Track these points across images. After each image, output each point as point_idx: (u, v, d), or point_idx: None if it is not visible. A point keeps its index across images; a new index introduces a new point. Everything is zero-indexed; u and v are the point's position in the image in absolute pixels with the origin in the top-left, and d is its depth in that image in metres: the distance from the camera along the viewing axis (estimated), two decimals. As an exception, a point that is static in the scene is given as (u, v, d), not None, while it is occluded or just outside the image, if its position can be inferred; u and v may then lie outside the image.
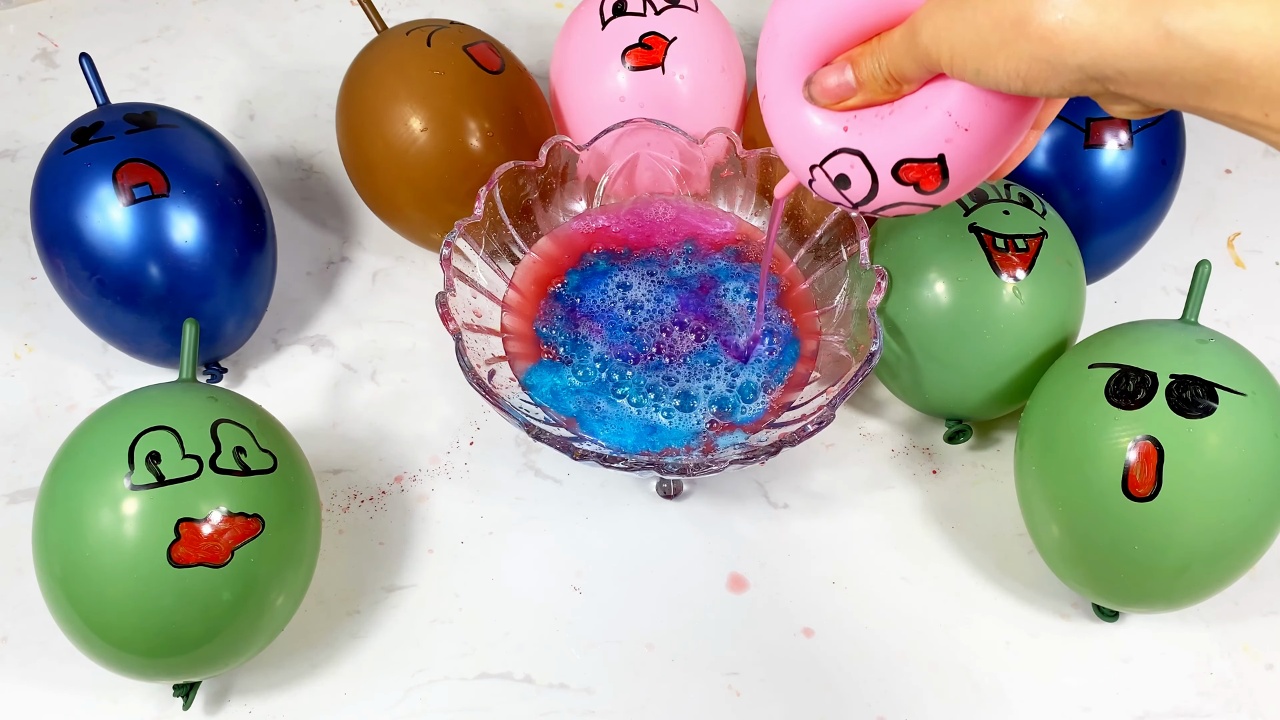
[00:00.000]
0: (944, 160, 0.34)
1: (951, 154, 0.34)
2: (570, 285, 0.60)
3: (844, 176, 0.34)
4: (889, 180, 0.34)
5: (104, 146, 0.56)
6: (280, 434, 0.51)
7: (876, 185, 0.33)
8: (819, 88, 0.37)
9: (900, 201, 0.35)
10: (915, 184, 0.35)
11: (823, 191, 0.35)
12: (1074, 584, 0.53)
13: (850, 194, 0.35)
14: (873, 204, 0.35)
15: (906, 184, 0.34)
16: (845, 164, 0.34)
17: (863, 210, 0.36)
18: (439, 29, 0.63)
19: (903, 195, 0.35)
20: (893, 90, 0.35)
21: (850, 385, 0.53)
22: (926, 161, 0.34)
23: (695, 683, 0.53)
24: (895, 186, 0.34)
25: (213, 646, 0.47)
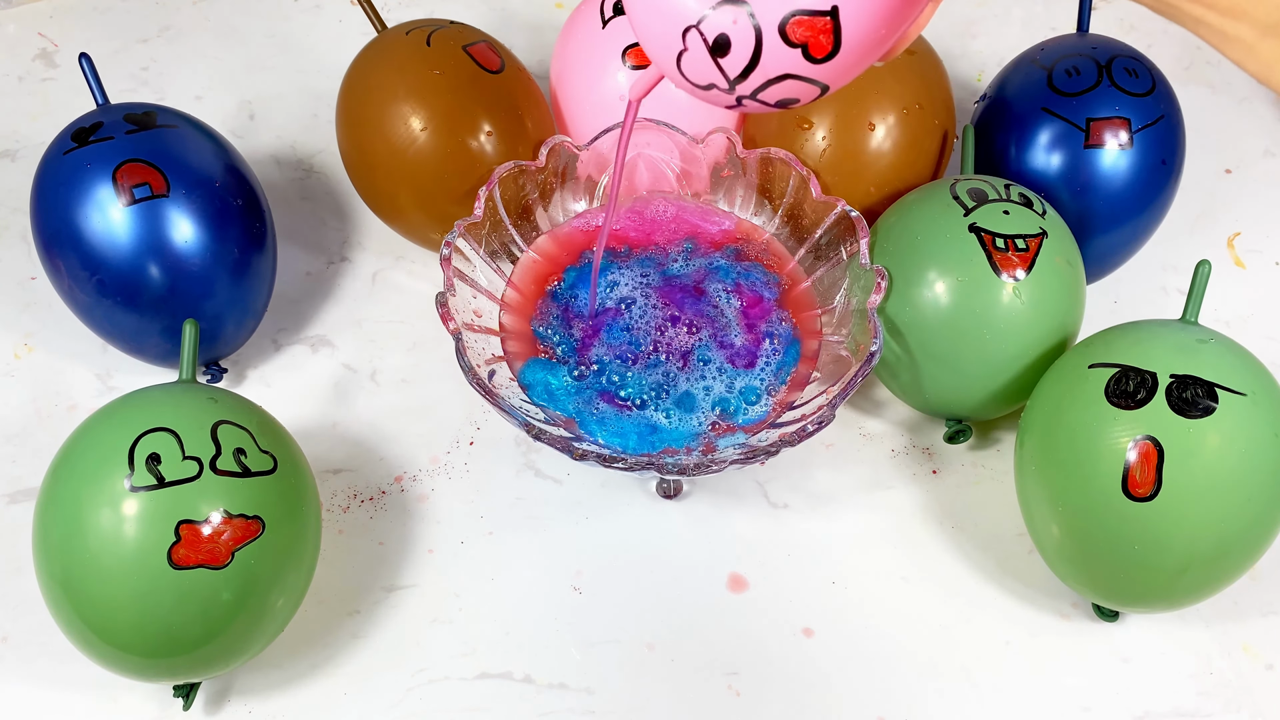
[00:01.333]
0: (837, 15, 0.29)
1: (846, 8, 0.29)
2: (568, 284, 0.60)
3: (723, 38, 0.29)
4: (775, 40, 0.29)
5: (104, 146, 0.56)
6: (280, 435, 0.51)
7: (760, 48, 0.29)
8: None
9: (784, 74, 0.30)
10: (804, 46, 0.30)
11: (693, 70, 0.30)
12: (1074, 584, 0.53)
13: (728, 63, 0.30)
14: (751, 79, 0.30)
15: (795, 45, 0.30)
16: (727, 19, 0.29)
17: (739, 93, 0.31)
18: (439, 29, 0.63)
19: (789, 63, 0.30)
20: None
21: (850, 385, 0.53)
22: (819, 14, 0.29)
23: (695, 683, 0.53)
24: (781, 49, 0.29)
25: (213, 647, 0.47)
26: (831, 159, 0.62)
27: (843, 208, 0.59)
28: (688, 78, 0.31)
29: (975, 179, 0.59)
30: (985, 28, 0.82)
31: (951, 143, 0.65)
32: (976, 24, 0.82)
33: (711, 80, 0.30)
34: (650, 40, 0.32)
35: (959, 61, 0.79)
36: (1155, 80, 0.62)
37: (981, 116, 0.66)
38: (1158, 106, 0.61)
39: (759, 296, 0.60)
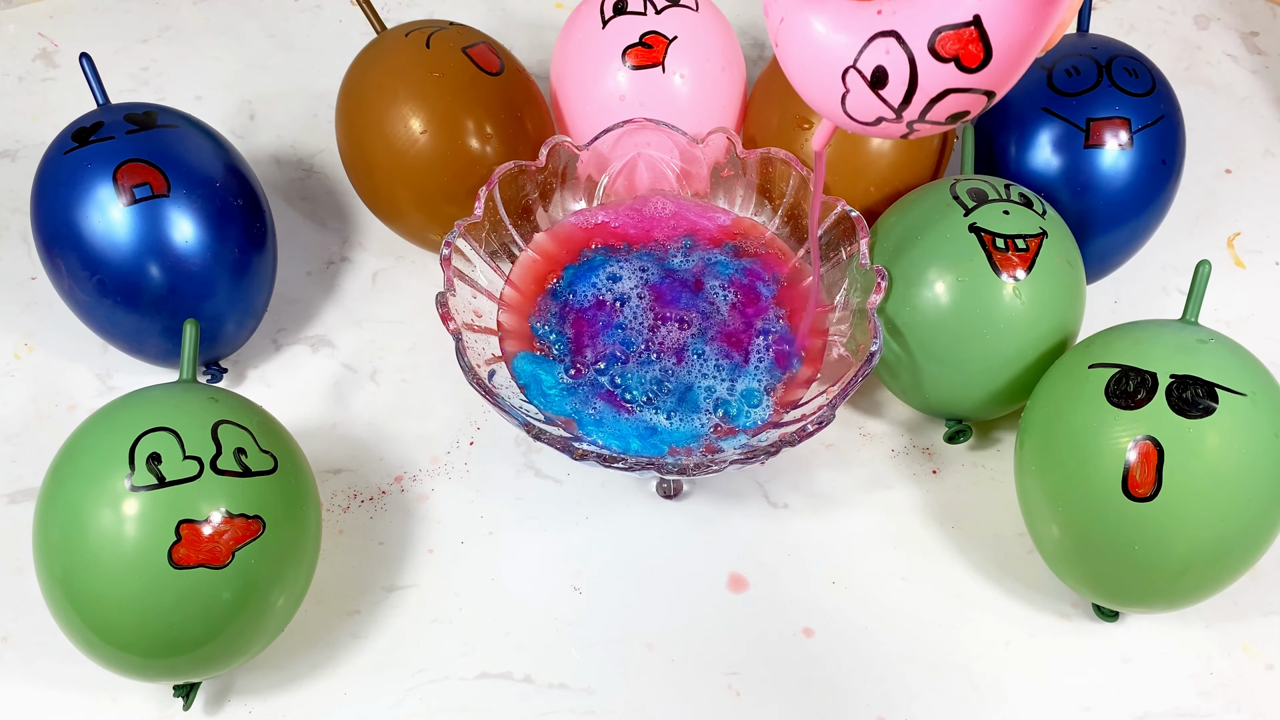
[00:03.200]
0: (980, 23, 0.30)
1: (988, 13, 0.30)
2: (566, 281, 0.60)
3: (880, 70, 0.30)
4: (928, 60, 0.30)
5: (104, 146, 0.56)
6: (281, 435, 0.51)
7: (916, 72, 0.30)
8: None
9: (944, 90, 0.31)
10: (956, 59, 0.31)
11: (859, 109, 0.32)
12: (1074, 584, 0.53)
13: (889, 93, 0.31)
14: (915, 103, 0.31)
15: (947, 60, 0.31)
16: (880, 51, 0.30)
17: (907, 119, 0.32)
18: (438, 30, 0.63)
19: (946, 79, 0.31)
20: None
21: (850, 385, 0.53)
22: (963, 26, 0.30)
23: (695, 683, 0.53)
24: (936, 68, 0.31)
25: (213, 647, 0.47)
26: (832, 159, 0.62)
27: (843, 208, 0.59)
28: (855, 118, 0.32)
29: (975, 179, 0.59)
30: (985, 28, 0.82)
31: (951, 143, 0.65)
32: (976, 24, 0.82)
33: (879, 114, 0.32)
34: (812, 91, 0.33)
35: (959, 61, 0.79)
36: (1155, 80, 0.62)
37: (981, 116, 0.66)
38: (1158, 106, 0.61)
39: (756, 294, 0.60)
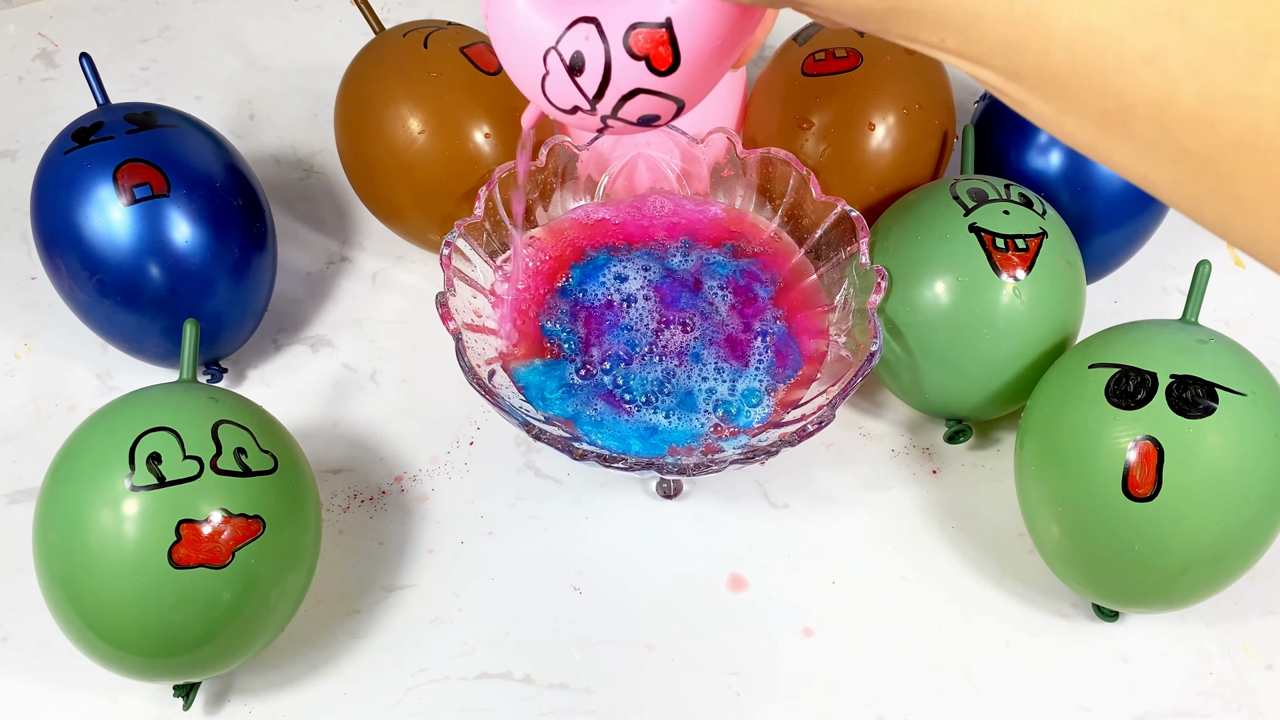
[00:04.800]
0: (671, 26, 0.32)
1: (679, 19, 0.32)
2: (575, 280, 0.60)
3: (579, 55, 0.32)
4: (621, 55, 0.32)
5: (104, 146, 0.56)
6: (281, 435, 0.51)
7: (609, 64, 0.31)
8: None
9: (635, 89, 0.33)
10: (647, 59, 0.33)
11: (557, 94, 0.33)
12: (1074, 584, 0.53)
13: (585, 82, 0.33)
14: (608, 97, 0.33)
15: (639, 59, 0.33)
16: (580, 37, 0.32)
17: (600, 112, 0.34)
18: (436, 30, 0.63)
19: (636, 77, 0.33)
20: None
21: (850, 385, 0.53)
22: (656, 26, 0.32)
23: (695, 683, 0.53)
24: (628, 64, 0.32)
25: (213, 647, 0.47)
26: (831, 159, 0.62)
27: (843, 208, 0.59)
28: (554, 103, 0.34)
29: (975, 179, 0.59)
30: (985, 28, 0.82)
31: (951, 143, 0.65)
32: (976, 24, 0.82)
33: (575, 103, 0.33)
34: (515, 68, 0.34)
35: (959, 61, 0.79)
36: (1155, 80, 0.62)
37: (981, 116, 0.66)
38: (1158, 106, 0.61)
39: (756, 294, 0.60)
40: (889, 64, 0.63)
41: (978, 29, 0.28)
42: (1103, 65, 0.26)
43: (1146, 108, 0.26)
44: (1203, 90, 0.25)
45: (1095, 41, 0.26)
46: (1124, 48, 0.26)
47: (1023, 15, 0.26)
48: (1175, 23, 0.25)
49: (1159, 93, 0.26)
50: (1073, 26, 0.26)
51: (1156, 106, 0.26)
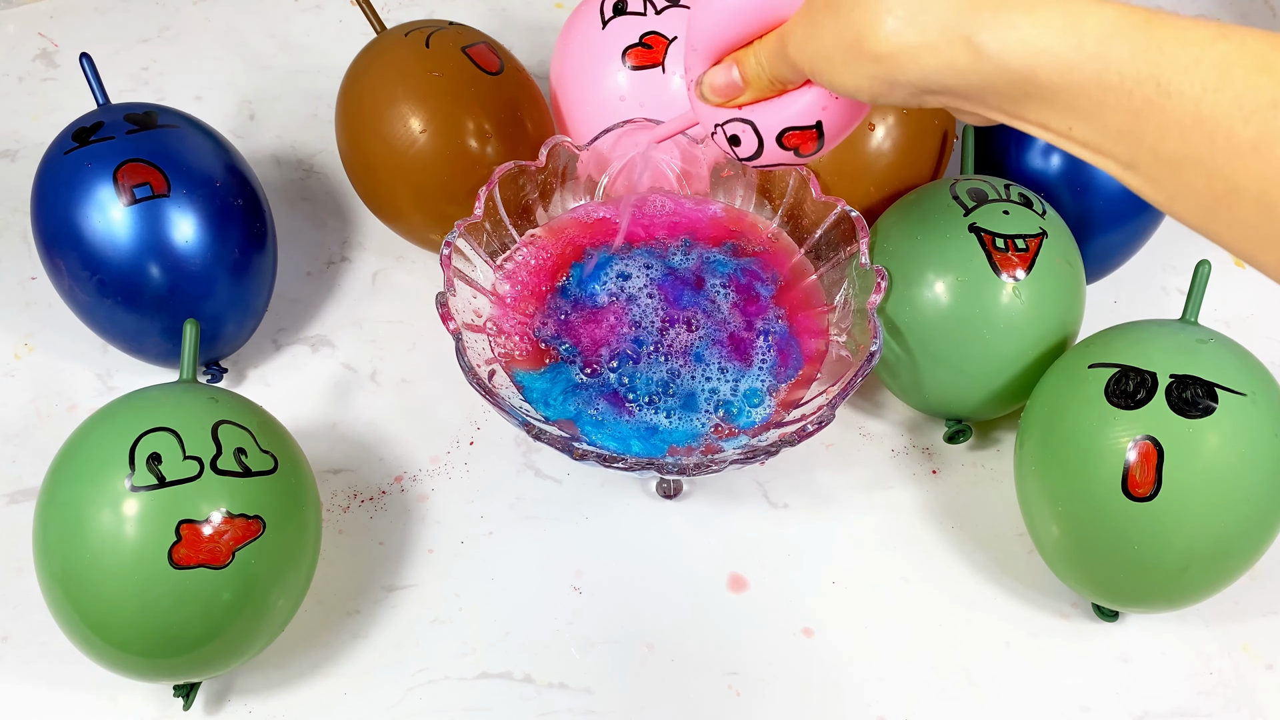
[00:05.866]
0: (820, 126, 0.39)
1: (827, 120, 0.39)
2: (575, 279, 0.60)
3: (735, 137, 0.39)
4: (773, 145, 0.39)
5: (104, 146, 0.56)
6: (281, 435, 0.51)
7: (762, 148, 0.39)
8: (709, 86, 0.41)
9: (781, 162, 0.40)
10: (796, 148, 0.40)
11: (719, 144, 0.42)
12: (1074, 584, 0.53)
13: (740, 151, 0.41)
14: (758, 161, 0.41)
15: (788, 149, 0.40)
16: (738, 128, 0.40)
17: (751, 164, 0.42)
18: (437, 30, 0.63)
19: (784, 157, 0.40)
20: (777, 89, 0.40)
21: (850, 385, 0.53)
22: (806, 129, 0.39)
23: (695, 683, 0.53)
24: (778, 150, 0.39)
25: (213, 647, 0.47)
26: (831, 159, 0.62)
27: (843, 208, 0.59)
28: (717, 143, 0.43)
29: (975, 179, 0.59)
30: (985, 28, 0.82)
31: (951, 143, 0.65)
32: (976, 24, 0.82)
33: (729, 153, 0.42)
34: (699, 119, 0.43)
35: (959, 62, 0.79)
36: (1155, 80, 0.62)
37: (981, 116, 0.66)
38: (1158, 106, 0.61)
39: (757, 293, 0.60)
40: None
41: (1102, 118, 0.30)
42: (1213, 151, 0.28)
43: (1253, 191, 0.28)
44: None
45: (1206, 129, 0.28)
46: (1232, 136, 0.28)
47: (1141, 105, 0.29)
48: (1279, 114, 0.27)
49: (1264, 178, 0.27)
50: (1185, 116, 0.28)
51: (1262, 190, 0.28)
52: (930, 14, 0.32)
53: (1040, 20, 0.31)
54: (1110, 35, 0.30)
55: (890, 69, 0.34)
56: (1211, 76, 0.28)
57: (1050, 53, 0.30)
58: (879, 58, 0.34)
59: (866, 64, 0.34)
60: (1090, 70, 0.30)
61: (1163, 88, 0.29)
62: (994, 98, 0.32)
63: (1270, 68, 0.28)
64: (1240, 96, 0.28)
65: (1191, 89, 0.28)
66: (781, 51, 0.38)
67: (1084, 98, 0.30)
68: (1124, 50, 0.29)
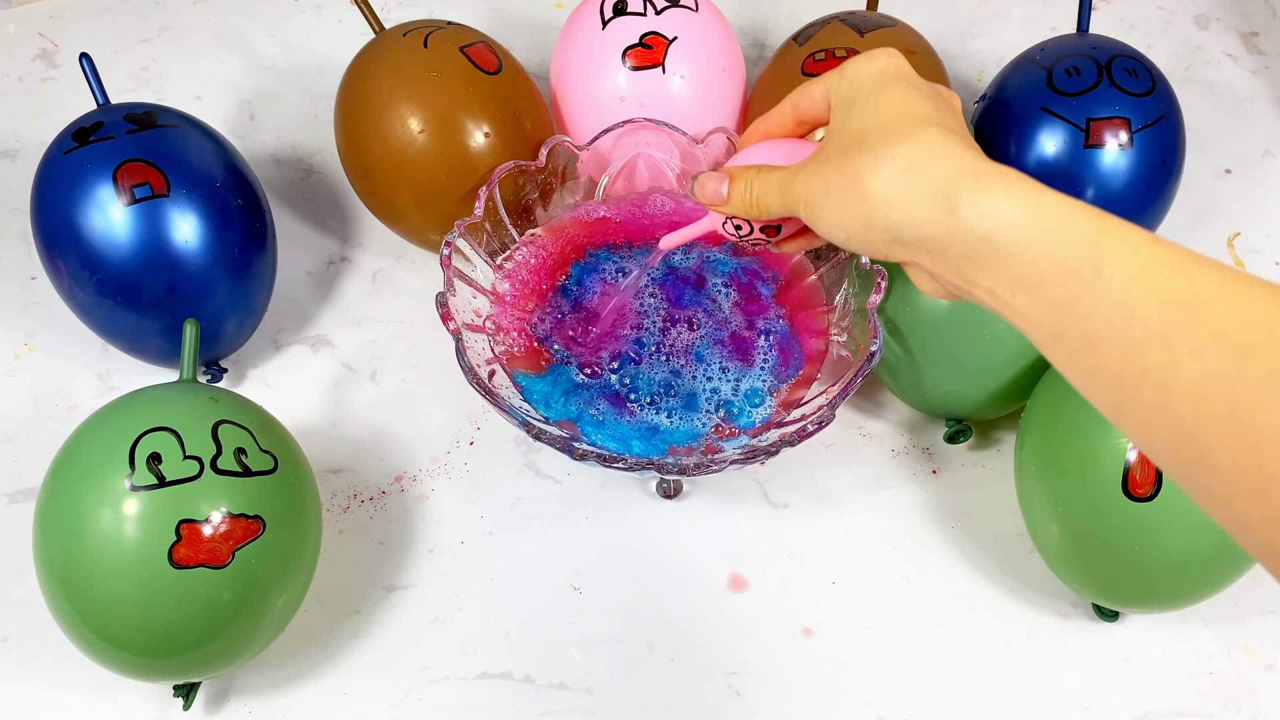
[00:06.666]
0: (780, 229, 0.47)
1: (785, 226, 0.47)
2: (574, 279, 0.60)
3: (739, 227, 0.46)
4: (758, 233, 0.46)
5: (104, 146, 0.56)
6: (281, 435, 0.51)
7: (752, 231, 0.46)
8: (699, 187, 0.46)
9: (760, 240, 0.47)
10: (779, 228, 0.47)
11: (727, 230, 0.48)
12: (1074, 584, 0.53)
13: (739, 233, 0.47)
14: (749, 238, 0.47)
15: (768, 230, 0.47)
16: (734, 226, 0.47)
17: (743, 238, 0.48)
18: (436, 30, 0.63)
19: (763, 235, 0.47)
20: (753, 214, 0.44)
21: (850, 385, 0.53)
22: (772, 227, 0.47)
23: (695, 683, 0.53)
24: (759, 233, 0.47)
25: (213, 647, 0.47)
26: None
27: (843, 208, 0.58)
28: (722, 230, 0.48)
29: (975, 179, 0.59)
30: (985, 28, 0.82)
31: (951, 143, 0.65)
32: (976, 24, 0.82)
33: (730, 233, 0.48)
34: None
35: (959, 61, 0.79)
36: (1155, 80, 0.62)
37: (981, 116, 0.66)
38: (1158, 106, 0.61)
39: (758, 293, 0.60)
40: (889, 64, 0.63)
41: (1043, 289, 0.34)
42: (1128, 333, 0.32)
43: (1155, 376, 0.31)
44: (1199, 369, 0.30)
45: (1125, 312, 0.32)
46: (1147, 323, 0.31)
47: (1077, 282, 0.33)
48: (1188, 311, 0.31)
49: (1165, 365, 0.31)
50: (1111, 297, 0.32)
51: (1163, 376, 0.31)
52: (922, 173, 0.36)
53: (1011, 197, 0.35)
54: (1065, 220, 0.34)
55: (874, 210, 0.37)
56: (1138, 269, 0.32)
57: (1013, 224, 0.34)
58: (867, 197, 0.37)
59: (855, 202, 0.38)
60: (1042, 245, 0.34)
61: (1097, 270, 0.32)
62: (955, 255, 0.36)
63: (1188, 273, 0.31)
64: (1158, 290, 0.31)
65: (1120, 276, 0.32)
66: (785, 184, 0.42)
67: (1031, 268, 0.34)
68: (1073, 234, 0.33)
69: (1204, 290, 0.31)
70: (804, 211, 0.41)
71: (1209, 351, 0.30)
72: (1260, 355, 0.29)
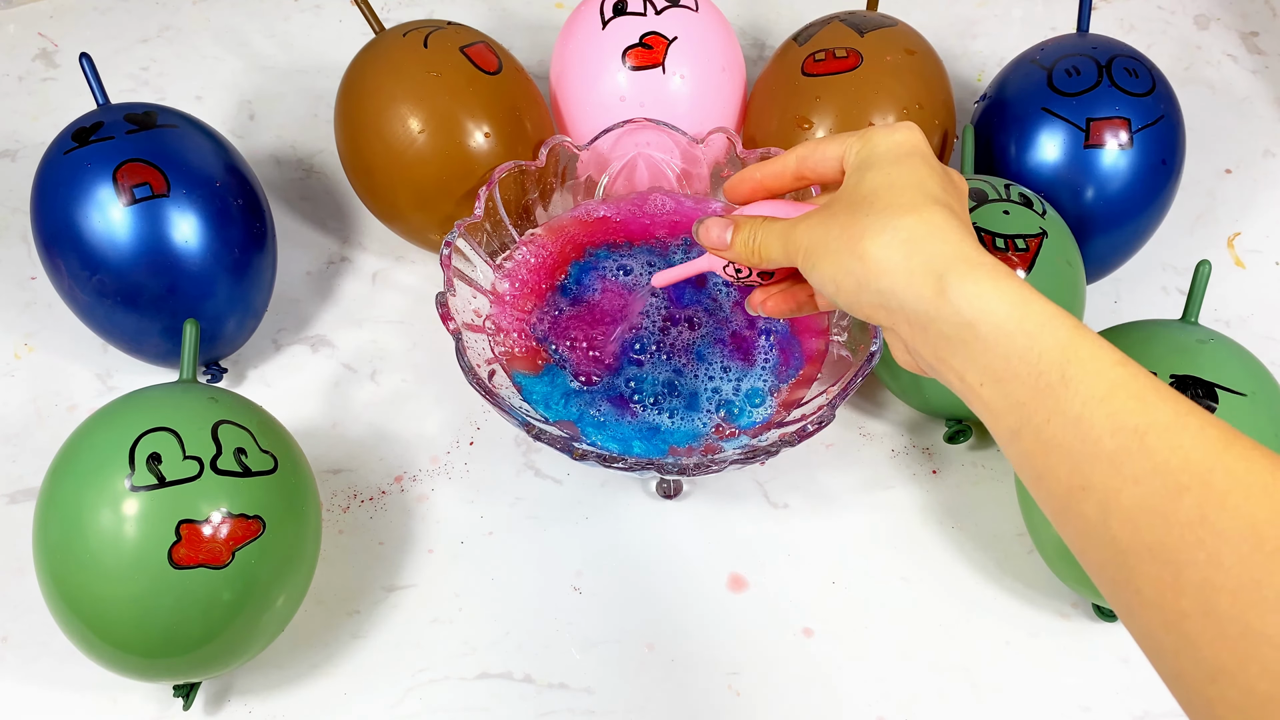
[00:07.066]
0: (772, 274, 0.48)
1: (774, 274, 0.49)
2: (573, 278, 0.60)
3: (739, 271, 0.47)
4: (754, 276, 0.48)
5: (104, 146, 0.56)
6: (281, 435, 0.51)
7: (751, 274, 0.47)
8: (704, 231, 0.47)
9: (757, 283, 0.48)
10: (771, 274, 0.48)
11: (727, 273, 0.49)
12: (1074, 584, 0.53)
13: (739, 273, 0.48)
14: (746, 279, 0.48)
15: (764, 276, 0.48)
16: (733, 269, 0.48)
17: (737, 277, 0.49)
18: (436, 30, 0.63)
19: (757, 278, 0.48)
20: (753, 261, 0.45)
21: (850, 385, 0.53)
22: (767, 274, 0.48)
23: (695, 683, 0.53)
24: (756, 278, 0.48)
25: (213, 647, 0.47)
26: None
27: (843, 208, 0.58)
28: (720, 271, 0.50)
29: (975, 179, 0.59)
30: (985, 28, 0.82)
31: (951, 143, 0.66)
32: (976, 24, 0.82)
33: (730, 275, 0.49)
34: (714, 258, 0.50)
35: (959, 61, 0.79)
36: (1155, 80, 0.62)
37: (981, 116, 0.66)
38: (1158, 106, 0.61)
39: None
40: (889, 64, 0.63)
41: (1010, 384, 0.35)
42: (1081, 448, 0.33)
43: (1099, 495, 0.32)
44: (1139, 497, 0.31)
45: (1082, 429, 0.33)
46: (1099, 442, 0.32)
47: (1043, 386, 0.34)
48: (1138, 439, 0.32)
49: (1109, 487, 0.32)
50: (1071, 410, 0.33)
51: (1105, 497, 0.32)
52: (921, 248, 0.37)
53: (999, 290, 0.36)
54: (1044, 324, 0.35)
55: (869, 272, 0.38)
56: (1101, 389, 0.33)
57: (996, 317, 0.35)
58: (864, 258, 0.38)
59: (852, 260, 0.39)
60: (1019, 344, 0.35)
61: (1064, 380, 0.34)
62: (934, 334, 0.37)
63: (1145, 401, 0.32)
64: (1115, 414, 0.32)
65: (1083, 392, 0.33)
66: (787, 233, 0.43)
67: (1004, 363, 0.35)
68: (1050, 340, 0.34)
69: (1157, 421, 0.32)
70: (802, 260, 0.42)
71: (1149, 483, 0.31)
72: (1194, 496, 0.30)
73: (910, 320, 0.38)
